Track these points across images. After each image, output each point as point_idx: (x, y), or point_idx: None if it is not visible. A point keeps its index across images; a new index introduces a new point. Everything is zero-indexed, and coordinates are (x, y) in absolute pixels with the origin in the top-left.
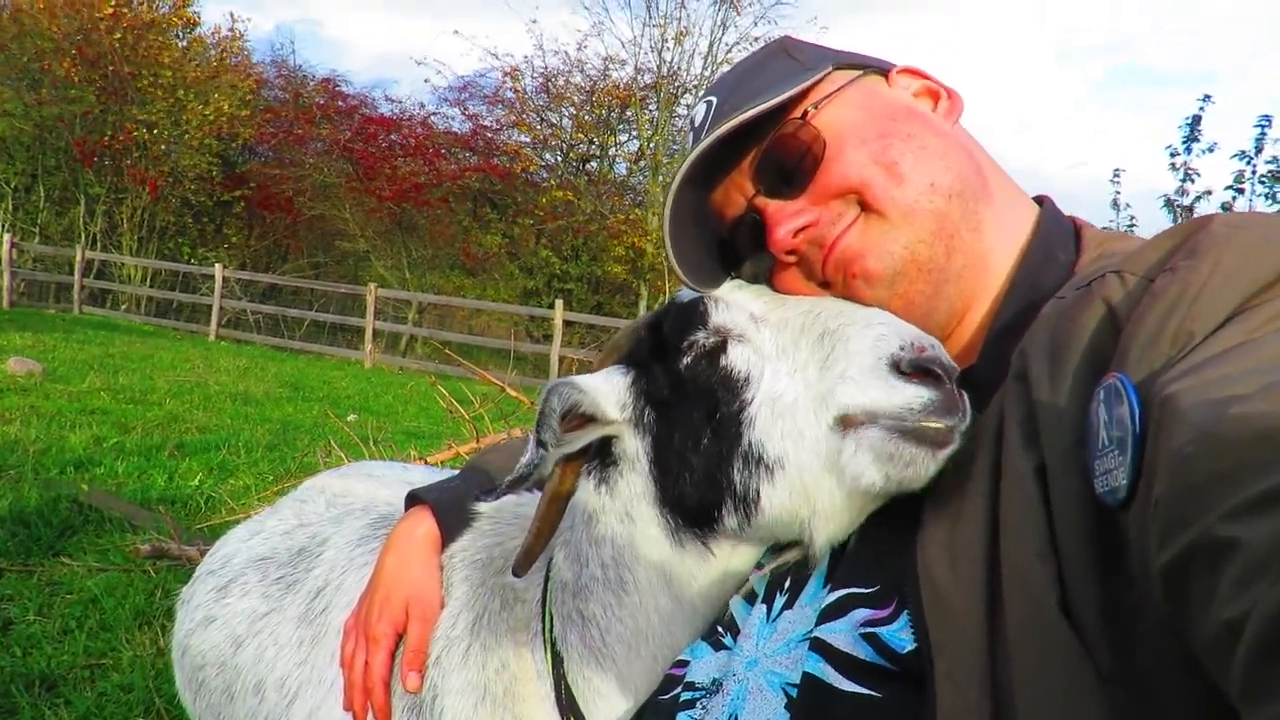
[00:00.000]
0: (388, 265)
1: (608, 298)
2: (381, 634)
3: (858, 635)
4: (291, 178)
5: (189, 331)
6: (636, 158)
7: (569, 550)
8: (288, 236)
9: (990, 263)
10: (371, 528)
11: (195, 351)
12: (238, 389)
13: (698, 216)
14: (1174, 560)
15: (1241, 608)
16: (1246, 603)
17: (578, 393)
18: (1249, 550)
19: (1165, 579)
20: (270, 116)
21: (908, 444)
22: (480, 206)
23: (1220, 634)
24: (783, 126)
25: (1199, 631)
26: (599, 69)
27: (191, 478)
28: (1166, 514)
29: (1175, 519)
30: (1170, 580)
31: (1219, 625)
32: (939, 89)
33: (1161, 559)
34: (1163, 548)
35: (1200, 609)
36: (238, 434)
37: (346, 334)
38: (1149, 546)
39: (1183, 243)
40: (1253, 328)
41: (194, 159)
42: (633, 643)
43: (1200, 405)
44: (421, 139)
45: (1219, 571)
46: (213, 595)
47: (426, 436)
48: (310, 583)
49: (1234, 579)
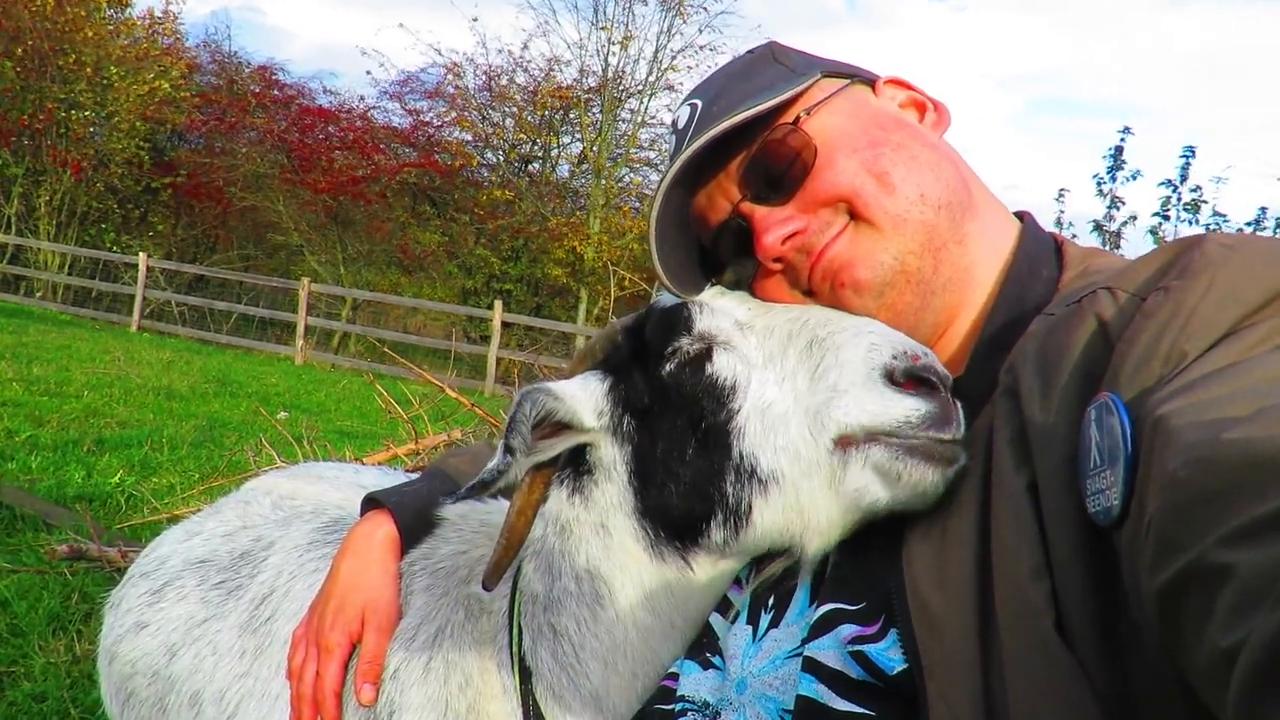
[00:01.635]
0: (322, 260)
1: (547, 300)
2: (334, 643)
3: (845, 653)
4: (223, 167)
5: (109, 322)
6: (579, 160)
7: (539, 561)
8: (217, 227)
9: (975, 275)
10: (322, 532)
11: (115, 343)
12: (161, 383)
13: (679, 220)
14: (1167, 584)
15: (1236, 636)
16: (1241, 631)
17: (553, 399)
18: (1243, 577)
19: (1158, 602)
20: (202, 103)
21: (914, 460)
22: (419, 203)
23: (1214, 661)
24: (773, 131)
25: (1192, 657)
26: (543, 69)
27: (111, 475)
28: (1159, 536)
29: (1169, 542)
30: (1163, 604)
31: (1213, 652)
32: (926, 101)
33: (1155, 582)
34: (1156, 571)
35: (1194, 635)
36: (161, 430)
37: (277, 329)
38: (1141, 568)
39: (1175, 261)
40: (1245, 348)
41: (122, 143)
42: (609, 658)
43: (1193, 426)
44: (360, 132)
45: (1213, 598)
46: (145, 599)
47: (362, 436)
48: (254, 588)
49: (1228, 606)
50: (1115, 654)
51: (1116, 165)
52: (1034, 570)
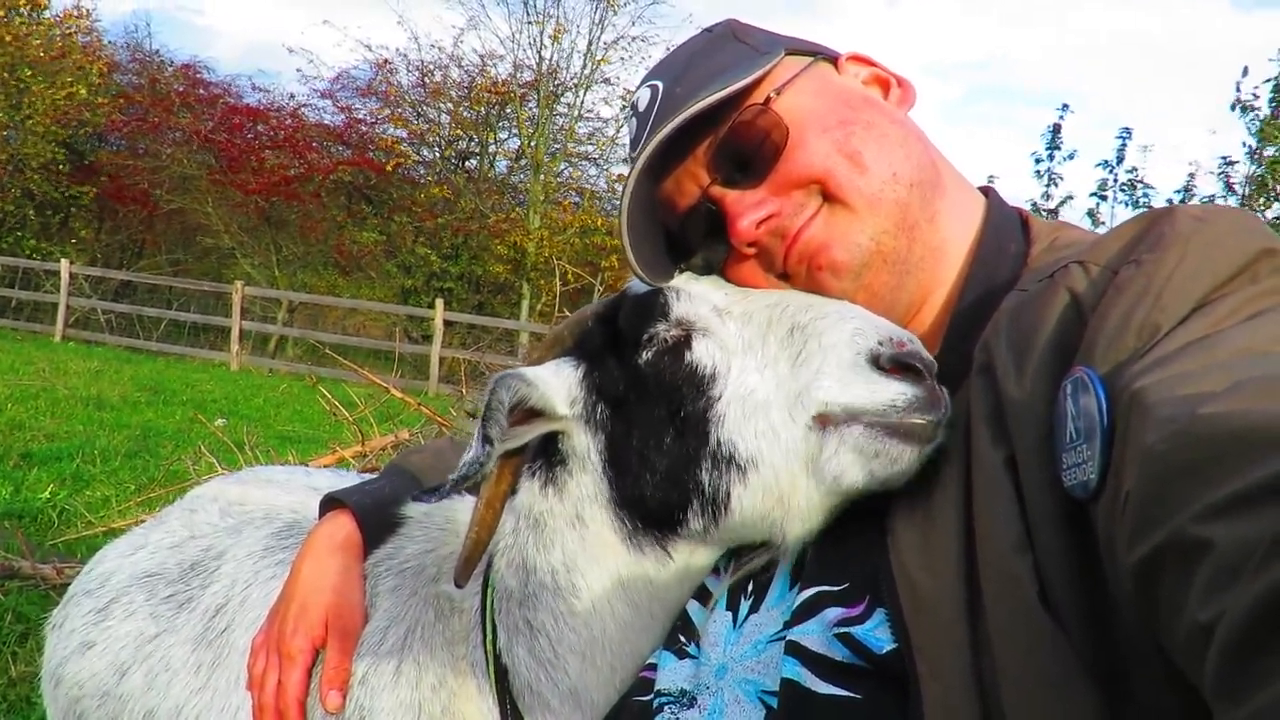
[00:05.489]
0: (255, 263)
1: (489, 297)
2: (296, 649)
3: (831, 635)
4: (147, 169)
5: (31, 332)
6: (517, 156)
7: (512, 556)
8: (143, 231)
9: (947, 253)
10: (276, 538)
11: (39, 353)
12: (90, 393)
13: (645, 207)
14: (1145, 558)
15: (1213, 610)
16: (1218, 605)
17: (526, 385)
18: (1220, 552)
19: (1136, 576)
20: (123, 103)
21: (893, 440)
22: (355, 202)
23: (1193, 634)
24: (742, 113)
25: (1171, 631)
26: (477, 65)
27: (41, 489)
28: (1137, 511)
29: (1146, 517)
30: (1141, 578)
31: (1191, 626)
32: (889, 77)
33: (1132, 556)
34: (1133, 545)
35: (1172, 608)
36: (92, 441)
37: (210, 334)
38: (1118, 541)
39: (1145, 234)
40: (1217, 320)
41: (38, 147)
42: (587, 652)
43: (1169, 401)
44: (291, 130)
45: (1191, 572)
46: (91, 618)
47: (304, 441)
48: (207, 600)
49: (1205, 580)
50: (1100, 624)
51: (1054, 144)
52: (1016, 544)
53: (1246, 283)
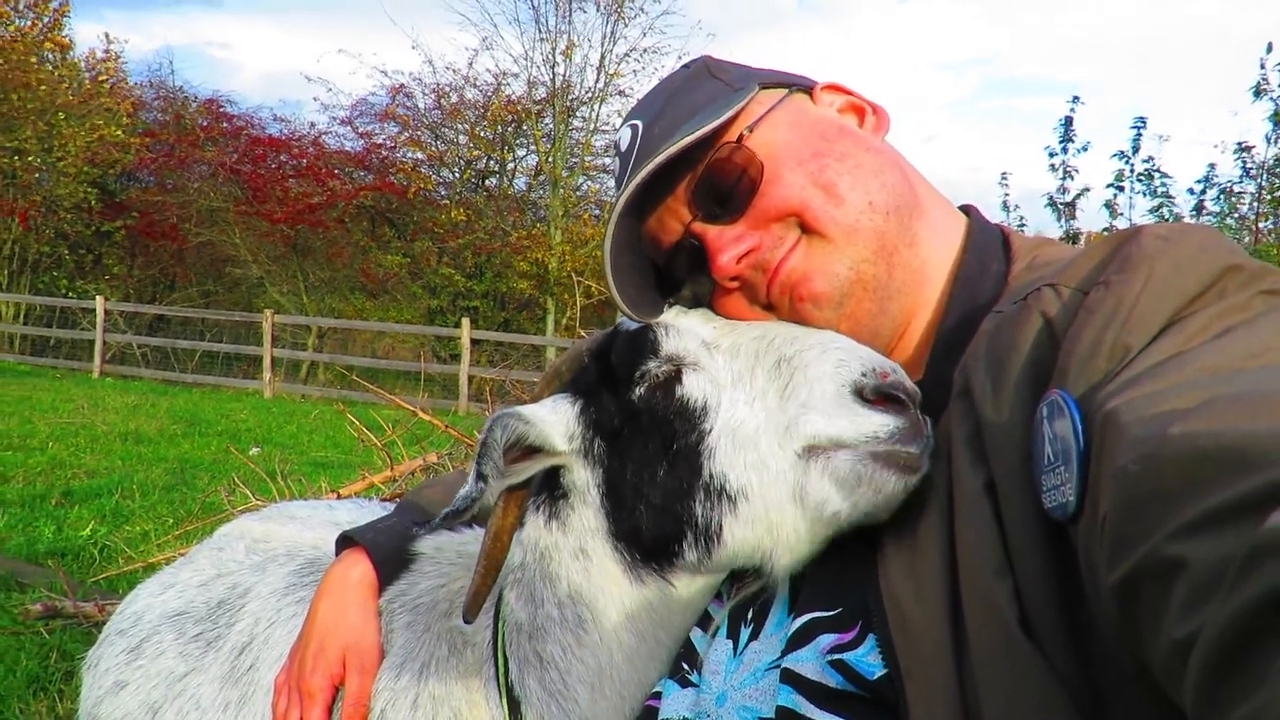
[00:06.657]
0: (283, 290)
1: (515, 314)
2: (316, 688)
3: (825, 662)
4: (175, 204)
5: (70, 369)
6: (536, 172)
7: (521, 589)
8: (174, 264)
9: (927, 275)
10: (298, 575)
11: (78, 390)
12: (128, 428)
13: (630, 244)
14: (1124, 579)
15: (1190, 627)
16: (1194, 623)
17: (523, 424)
18: (1195, 570)
19: (1117, 597)
20: (150, 140)
21: (877, 468)
22: (378, 226)
23: (1171, 652)
24: (718, 151)
25: (1150, 649)
26: (491, 84)
27: (82, 527)
28: (1114, 532)
29: (1122, 538)
30: (1122, 599)
31: (1170, 644)
32: (864, 105)
33: (1112, 577)
34: (1112, 566)
35: (1150, 627)
36: (131, 476)
37: (243, 364)
38: (1099, 563)
39: (1114, 255)
40: (1186, 338)
41: (70, 188)
42: (595, 683)
43: (1141, 421)
44: (313, 159)
45: (1167, 591)
46: (124, 657)
47: (337, 467)
48: (233, 638)
49: (1182, 599)
50: (1080, 647)
51: (1067, 136)
52: (996, 568)
53: (1214, 299)
